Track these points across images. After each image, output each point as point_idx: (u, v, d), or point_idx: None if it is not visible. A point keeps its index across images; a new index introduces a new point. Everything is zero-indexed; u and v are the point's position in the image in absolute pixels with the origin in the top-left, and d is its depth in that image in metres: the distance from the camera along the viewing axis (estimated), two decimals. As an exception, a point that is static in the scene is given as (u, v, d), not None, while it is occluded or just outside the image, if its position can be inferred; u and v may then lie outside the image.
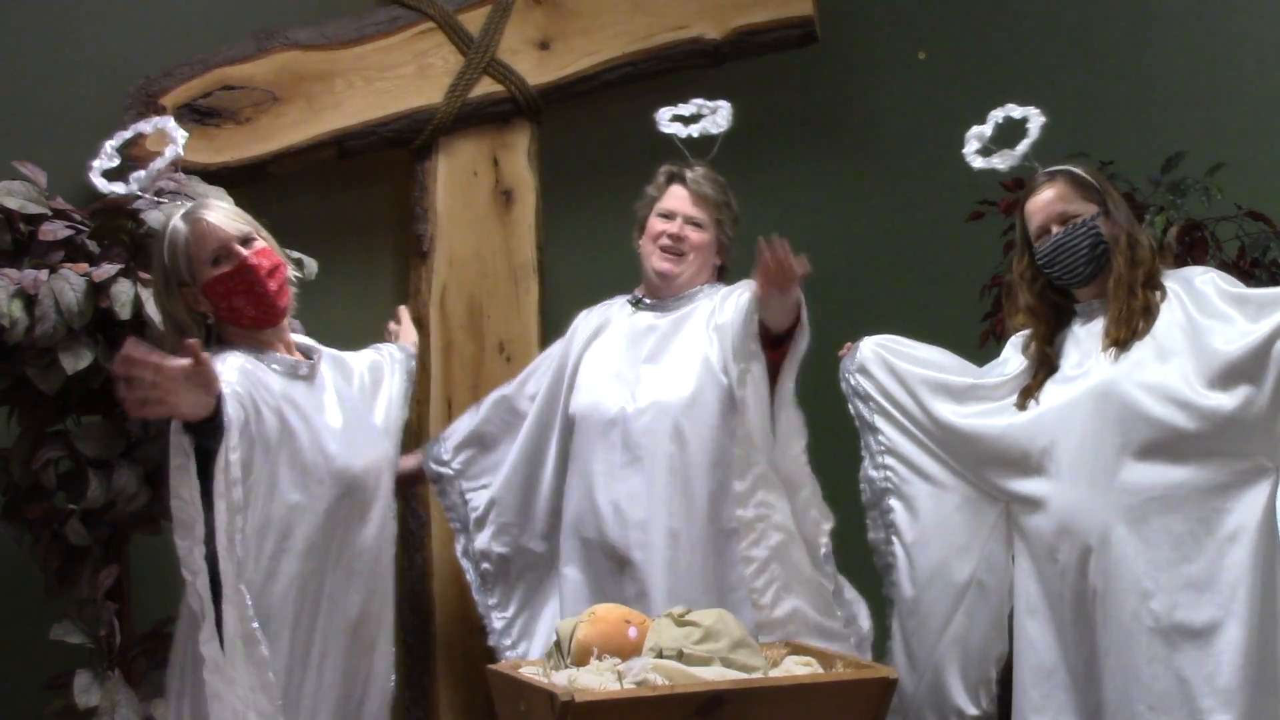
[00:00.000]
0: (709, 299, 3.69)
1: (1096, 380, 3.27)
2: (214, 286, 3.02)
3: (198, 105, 3.97)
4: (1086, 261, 3.33)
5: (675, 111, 3.81)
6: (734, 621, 3.14)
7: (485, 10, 4.29)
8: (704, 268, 3.74)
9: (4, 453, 3.45)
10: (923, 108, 4.84)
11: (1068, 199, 3.37)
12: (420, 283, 4.25)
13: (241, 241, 3.05)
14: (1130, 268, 3.30)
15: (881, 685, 3.03)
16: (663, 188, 3.76)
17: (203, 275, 3.02)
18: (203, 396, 2.72)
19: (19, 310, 3.26)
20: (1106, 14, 4.69)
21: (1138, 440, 3.18)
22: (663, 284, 3.72)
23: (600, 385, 3.68)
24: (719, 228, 3.74)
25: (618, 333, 3.76)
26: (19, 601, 3.69)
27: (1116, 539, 3.19)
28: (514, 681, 3.05)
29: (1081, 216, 3.35)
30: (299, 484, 3.02)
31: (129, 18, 4.09)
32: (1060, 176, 3.40)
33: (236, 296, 3.03)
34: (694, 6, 4.44)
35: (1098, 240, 3.32)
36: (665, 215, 3.72)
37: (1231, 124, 4.37)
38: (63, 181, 3.62)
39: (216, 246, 3.02)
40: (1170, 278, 3.32)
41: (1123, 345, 3.26)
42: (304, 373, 3.13)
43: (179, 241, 3.02)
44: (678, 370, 3.62)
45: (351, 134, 4.14)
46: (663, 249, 3.71)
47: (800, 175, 4.76)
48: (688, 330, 3.67)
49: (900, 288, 4.82)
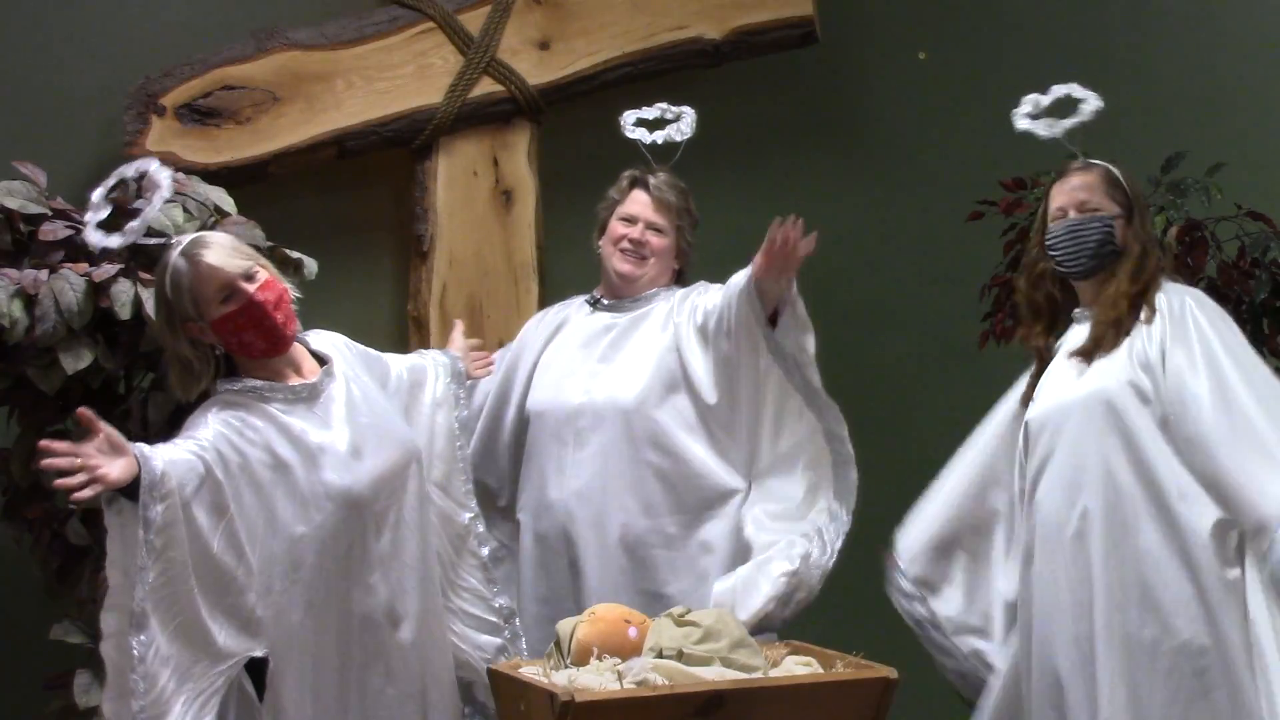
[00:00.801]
0: (666, 300, 3.74)
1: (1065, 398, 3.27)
2: (222, 324, 3.01)
3: (198, 105, 3.97)
4: (1091, 255, 3.30)
5: (639, 115, 3.82)
6: (734, 621, 3.14)
7: (485, 10, 4.29)
8: (664, 271, 3.78)
9: (4, 453, 3.45)
10: (923, 108, 4.84)
11: (1094, 190, 3.33)
12: (420, 283, 4.25)
13: (245, 277, 3.02)
14: (1131, 282, 3.28)
15: (881, 685, 3.03)
16: (625, 191, 3.78)
17: (210, 313, 3.00)
18: (125, 459, 2.78)
19: (19, 310, 3.26)
20: (1106, 14, 4.69)
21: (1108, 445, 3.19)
22: (623, 285, 3.76)
23: (557, 383, 3.71)
24: (679, 234, 3.78)
25: (575, 332, 3.79)
26: (19, 601, 3.69)
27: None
28: (514, 681, 3.05)
29: (1102, 212, 3.32)
30: (300, 516, 3.00)
31: (129, 18, 4.09)
32: (1097, 168, 3.37)
33: (246, 332, 3.02)
34: (694, 6, 4.44)
35: (1108, 239, 3.30)
36: (627, 219, 3.75)
37: (1231, 124, 4.37)
38: (63, 181, 3.62)
39: (221, 285, 3.00)
40: (1167, 292, 3.28)
41: (1086, 358, 3.26)
42: (304, 395, 3.10)
43: (182, 281, 3.00)
44: (633, 368, 3.65)
45: (351, 134, 4.14)
46: (623, 251, 3.74)
47: (801, 175, 4.76)
48: (644, 330, 3.71)
49: (900, 288, 4.82)
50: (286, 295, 3.09)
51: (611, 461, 3.60)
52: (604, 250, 3.78)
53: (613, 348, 3.72)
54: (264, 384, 3.06)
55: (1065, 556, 3.23)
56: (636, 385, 3.63)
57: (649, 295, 3.77)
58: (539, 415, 3.71)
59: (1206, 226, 3.90)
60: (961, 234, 4.27)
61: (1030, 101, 3.50)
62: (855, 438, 3.65)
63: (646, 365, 3.65)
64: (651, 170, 3.77)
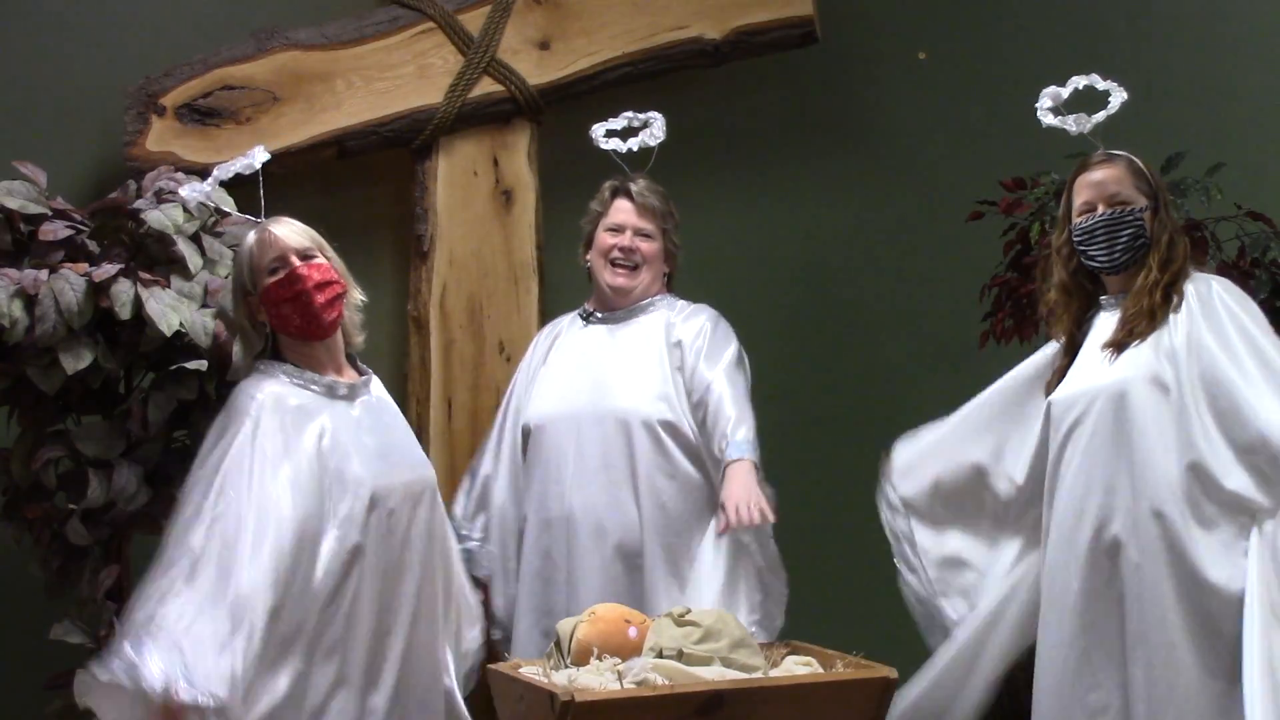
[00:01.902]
0: (661, 311, 3.76)
1: (1094, 384, 3.28)
2: (268, 294, 3.10)
3: (198, 105, 3.98)
4: (1125, 249, 3.30)
5: (608, 126, 3.86)
6: (734, 621, 3.14)
7: (485, 10, 4.29)
8: (656, 278, 3.80)
9: (4, 453, 3.45)
10: (923, 108, 4.84)
11: (1123, 182, 3.33)
12: (420, 283, 4.25)
13: (300, 254, 3.13)
14: (1161, 270, 3.28)
15: (881, 685, 3.03)
16: (608, 202, 3.81)
17: (261, 283, 3.11)
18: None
19: (19, 310, 3.26)
20: (1107, 14, 4.69)
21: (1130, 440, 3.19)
22: (618, 297, 3.78)
23: (557, 395, 3.72)
24: (665, 236, 3.80)
25: (570, 346, 3.81)
26: (19, 601, 3.69)
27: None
28: (514, 681, 3.05)
29: (1132, 205, 3.31)
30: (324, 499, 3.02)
31: (129, 18, 4.09)
32: (1121, 160, 3.36)
33: (285, 304, 3.10)
34: (694, 6, 4.44)
35: (1140, 231, 3.30)
36: (614, 229, 3.78)
37: (1231, 124, 4.37)
38: (63, 181, 3.62)
39: (275, 255, 3.11)
40: (1194, 280, 3.29)
41: (1119, 348, 3.26)
42: (342, 393, 3.15)
43: (246, 252, 3.14)
44: (632, 380, 3.67)
45: (351, 134, 4.14)
46: (614, 263, 3.76)
47: (801, 175, 4.76)
48: (641, 341, 3.73)
49: (900, 288, 4.82)
50: (337, 287, 3.16)
51: (613, 473, 3.62)
52: (594, 264, 3.80)
53: (609, 360, 3.72)
54: (303, 371, 3.12)
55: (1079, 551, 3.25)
56: (636, 397, 3.64)
57: (643, 305, 3.78)
58: (539, 429, 3.72)
59: (1206, 226, 3.90)
60: (961, 234, 4.27)
61: (1050, 95, 3.45)
62: (856, 437, 3.66)
63: (645, 378, 3.67)
64: (631, 178, 3.79)
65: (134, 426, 3.39)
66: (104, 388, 3.44)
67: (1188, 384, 3.16)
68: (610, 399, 3.66)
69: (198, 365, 3.38)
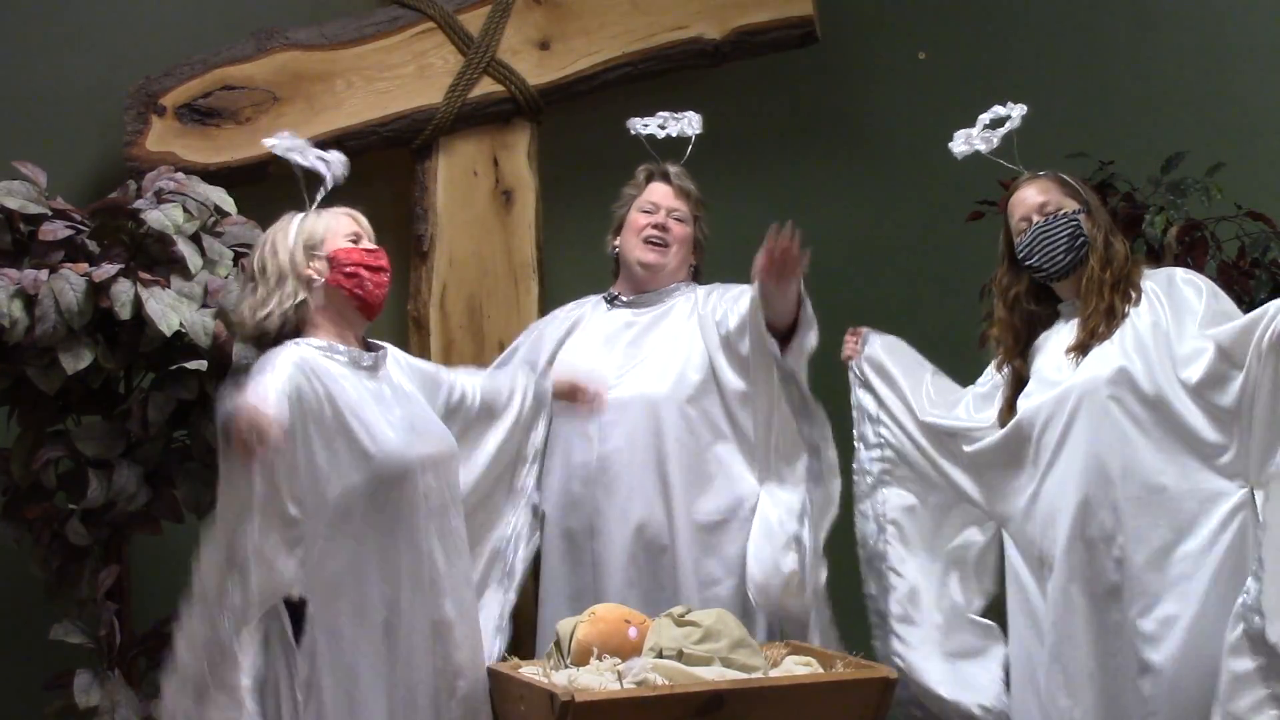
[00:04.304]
0: (686, 297, 3.76)
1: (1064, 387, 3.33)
2: (340, 254, 3.21)
3: (198, 105, 3.97)
4: (1066, 250, 3.40)
5: (644, 122, 3.89)
6: (734, 621, 3.15)
7: (485, 10, 4.28)
8: (683, 263, 3.81)
9: (4, 453, 3.45)
10: (923, 108, 4.83)
11: (1050, 192, 3.46)
12: (420, 283, 4.25)
13: (370, 239, 3.30)
14: (1103, 268, 3.37)
15: (881, 685, 3.03)
16: (643, 185, 3.83)
17: (334, 243, 3.22)
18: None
19: (19, 310, 3.26)
20: (1106, 14, 4.70)
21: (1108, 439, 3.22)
22: (648, 276, 3.77)
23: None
24: (697, 224, 3.82)
25: (594, 329, 3.80)
26: (19, 601, 3.69)
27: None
28: (514, 681, 3.05)
29: (1064, 209, 3.43)
30: (357, 466, 3.06)
31: (129, 18, 4.09)
32: (1045, 175, 3.51)
33: (364, 269, 3.22)
34: (694, 6, 4.44)
35: (1078, 231, 3.40)
36: (649, 209, 3.78)
37: (1231, 124, 4.37)
38: (63, 181, 3.62)
39: (353, 230, 3.27)
40: (1150, 277, 3.39)
41: (1083, 350, 3.32)
42: (367, 364, 3.22)
43: (319, 217, 3.25)
44: (660, 363, 3.66)
45: (351, 134, 4.13)
46: (646, 240, 3.76)
47: (800, 175, 4.76)
48: (668, 325, 3.73)
49: (900, 288, 4.82)
50: (387, 282, 3.30)
51: (638, 454, 3.60)
52: (625, 243, 3.80)
53: (636, 343, 3.72)
54: (332, 344, 3.18)
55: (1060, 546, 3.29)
56: (665, 380, 3.64)
57: (669, 290, 3.78)
58: (560, 412, 3.68)
59: (1206, 226, 3.90)
60: (961, 234, 4.27)
61: (961, 136, 3.65)
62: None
63: (674, 360, 3.66)
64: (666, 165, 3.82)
65: (134, 426, 3.39)
66: (104, 388, 3.44)
67: (1160, 371, 3.21)
68: (638, 382, 3.65)
69: (198, 365, 3.37)
